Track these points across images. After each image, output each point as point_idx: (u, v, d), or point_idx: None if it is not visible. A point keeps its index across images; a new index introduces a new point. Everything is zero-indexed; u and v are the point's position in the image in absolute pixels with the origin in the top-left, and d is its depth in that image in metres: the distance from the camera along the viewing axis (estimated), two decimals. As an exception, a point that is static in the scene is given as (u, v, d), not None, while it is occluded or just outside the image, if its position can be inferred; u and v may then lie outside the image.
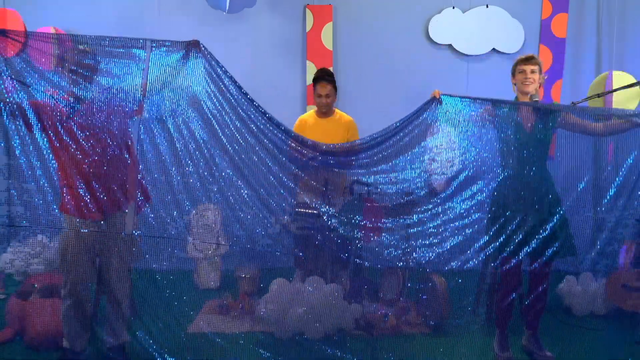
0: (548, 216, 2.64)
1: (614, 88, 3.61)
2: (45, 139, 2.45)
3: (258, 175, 2.76)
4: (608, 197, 2.60)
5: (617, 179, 2.58)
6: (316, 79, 3.62)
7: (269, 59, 4.68)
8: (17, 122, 2.40)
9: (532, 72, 2.74)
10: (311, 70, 4.61)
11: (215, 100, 2.67)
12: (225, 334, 2.86)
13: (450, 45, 4.69)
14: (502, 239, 2.66)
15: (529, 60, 2.77)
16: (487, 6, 4.64)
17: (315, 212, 2.89)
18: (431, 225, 2.75)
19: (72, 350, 2.62)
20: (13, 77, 2.36)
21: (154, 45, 2.55)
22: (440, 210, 2.75)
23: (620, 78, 3.94)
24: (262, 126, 2.74)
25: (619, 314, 3.13)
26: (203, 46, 2.62)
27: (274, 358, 2.78)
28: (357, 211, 2.92)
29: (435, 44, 4.69)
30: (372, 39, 4.69)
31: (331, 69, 4.58)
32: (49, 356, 2.75)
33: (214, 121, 2.68)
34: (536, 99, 2.72)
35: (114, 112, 2.54)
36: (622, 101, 4.01)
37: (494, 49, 4.66)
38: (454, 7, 4.62)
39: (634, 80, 3.65)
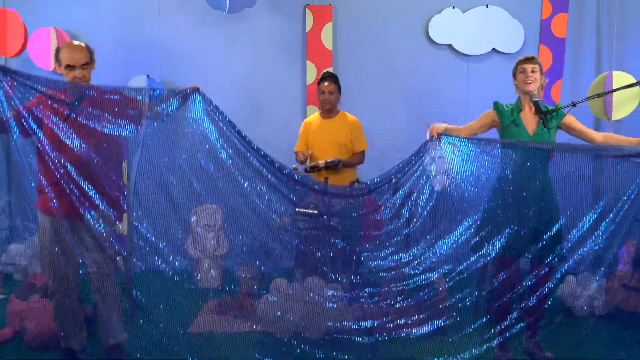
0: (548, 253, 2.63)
1: (614, 88, 3.60)
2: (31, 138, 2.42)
3: (259, 219, 2.78)
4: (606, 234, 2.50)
5: (616, 216, 2.44)
6: (320, 80, 3.73)
7: (269, 59, 4.68)
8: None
9: (533, 71, 2.75)
10: (311, 70, 4.61)
11: (215, 144, 2.66)
12: (225, 334, 2.85)
13: (450, 45, 4.68)
14: (501, 240, 2.66)
15: (529, 60, 2.78)
16: (487, 6, 4.63)
17: (315, 212, 2.90)
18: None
19: (71, 350, 2.62)
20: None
21: (153, 93, 2.53)
22: (437, 250, 2.78)
23: (620, 78, 3.94)
24: (263, 168, 2.74)
25: (619, 314, 3.12)
26: (202, 92, 2.62)
27: (274, 358, 2.78)
28: (357, 211, 2.92)
29: (435, 44, 4.68)
30: (372, 39, 4.68)
31: (331, 69, 4.58)
32: (49, 356, 2.76)
33: (212, 166, 2.66)
34: (536, 99, 2.72)
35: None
36: (622, 101, 4.01)
37: (494, 49, 4.66)
38: (454, 7, 4.62)
39: (634, 80, 3.64)
